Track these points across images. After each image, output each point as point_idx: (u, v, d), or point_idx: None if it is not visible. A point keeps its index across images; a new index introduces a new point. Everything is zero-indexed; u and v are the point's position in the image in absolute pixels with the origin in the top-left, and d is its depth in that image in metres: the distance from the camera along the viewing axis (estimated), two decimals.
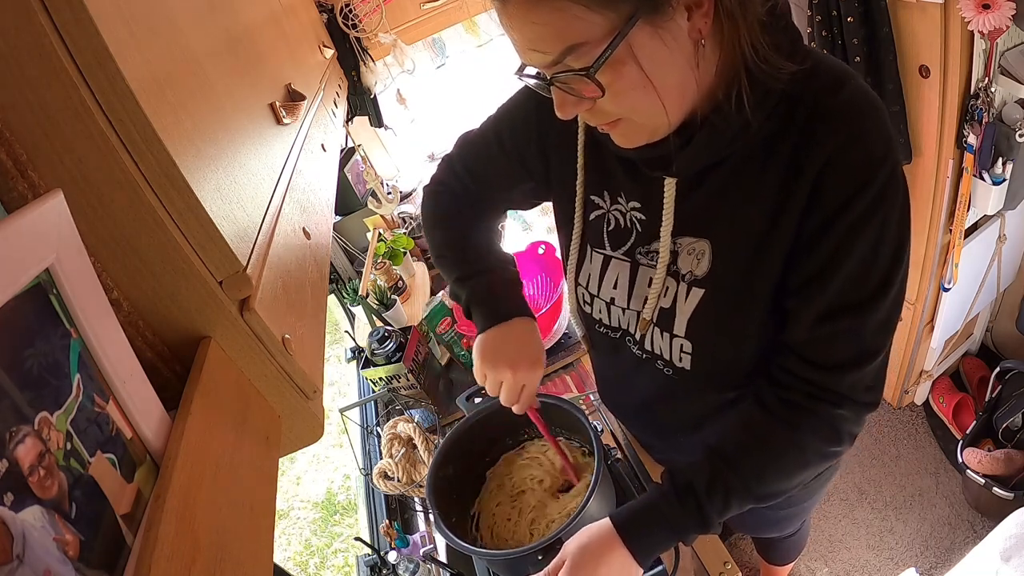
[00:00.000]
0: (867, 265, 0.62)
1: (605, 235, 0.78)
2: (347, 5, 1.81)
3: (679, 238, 0.70)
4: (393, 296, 1.71)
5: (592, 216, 0.78)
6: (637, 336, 0.79)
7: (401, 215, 2.10)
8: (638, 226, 0.74)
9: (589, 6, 0.51)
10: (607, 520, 0.74)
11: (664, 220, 0.70)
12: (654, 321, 0.75)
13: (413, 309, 1.80)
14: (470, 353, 1.54)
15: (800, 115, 0.60)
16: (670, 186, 0.68)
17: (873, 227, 0.61)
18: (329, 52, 1.62)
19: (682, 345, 0.74)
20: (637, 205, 0.73)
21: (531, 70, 0.61)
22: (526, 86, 0.73)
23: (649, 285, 0.74)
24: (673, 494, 0.71)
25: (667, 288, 0.72)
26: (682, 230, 0.70)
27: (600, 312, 0.83)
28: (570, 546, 0.74)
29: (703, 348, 0.73)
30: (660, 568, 0.96)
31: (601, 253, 0.79)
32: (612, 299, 0.80)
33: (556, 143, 0.80)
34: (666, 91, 0.58)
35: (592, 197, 0.78)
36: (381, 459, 1.31)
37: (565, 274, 0.87)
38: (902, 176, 0.62)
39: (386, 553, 1.17)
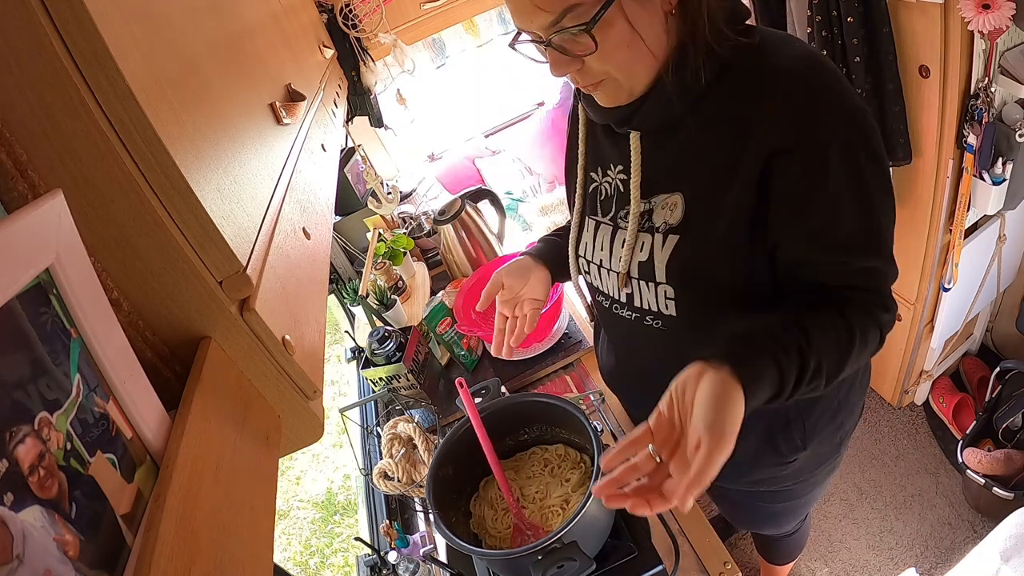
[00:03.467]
0: (844, 203, 0.68)
1: (598, 204, 0.86)
2: (347, 5, 1.81)
3: (654, 197, 0.77)
4: (393, 296, 1.71)
5: (590, 189, 0.87)
6: (623, 298, 0.84)
7: (401, 215, 2.10)
8: (620, 188, 0.81)
9: None
10: (725, 370, 0.59)
11: (632, 172, 0.77)
12: (632, 275, 0.80)
13: (413, 309, 1.80)
14: (470, 353, 1.55)
15: (750, 77, 0.68)
16: (635, 139, 0.76)
17: (842, 164, 0.66)
18: (329, 52, 1.62)
19: (665, 291, 0.78)
20: (621, 168, 0.81)
21: (526, 37, 0.69)
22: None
23: (623, 245, 0.81)
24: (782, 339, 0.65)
25: (643, 243, 0.78)
26: (656, 188, 0.77)
27: (596, 278, 0.89)
28: (698, 400, 0.58)
29: (683, 290, 0.77)
30: (660, 568, 0.96)
31: (594, 220, 0.87)
32: (600, 261, 0.86)
33: (570, 149, 0.91)
34: (646, 52, 0.67)
35: (591, 174, 0.87)
36: (381, 459, 1.31)
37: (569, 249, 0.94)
38: (860, 117, 0.67)
39: (386, 553, 1.17)
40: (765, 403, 0.62)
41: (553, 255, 0.99)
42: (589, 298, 1.00)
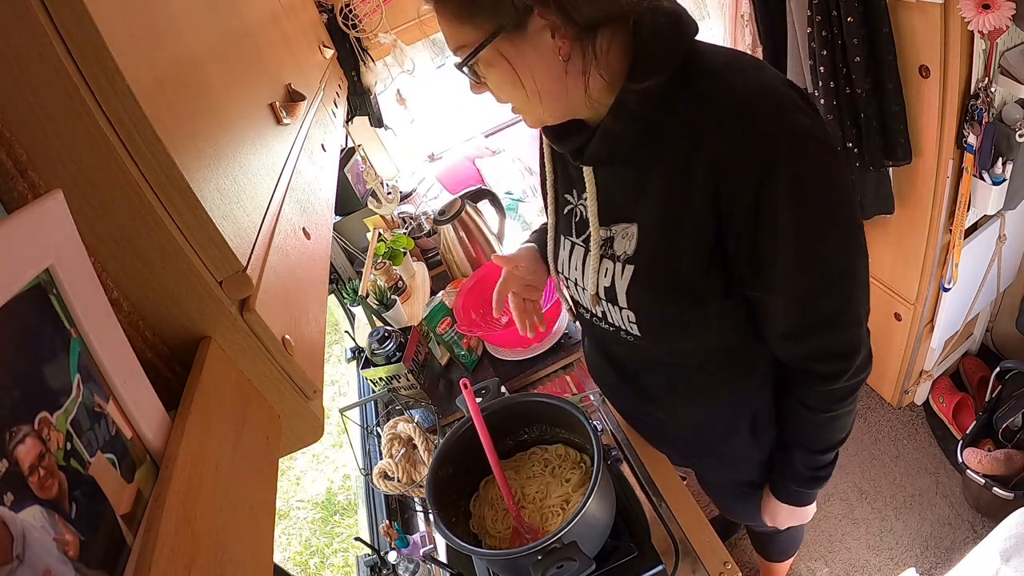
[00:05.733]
0: (804, 241, 0.69)
1: (573, 225, 0.89)
2: (347, 5, 1.82)
3: (614, 225, 0.80)
4: (393, 296, 1.71)
5: (565, 210, 0.90)
6: (598, 312, 0.89)
7: (401, 215, 2.10)
8: (586, 213, 0.84)
9: (462, 21, 0.67)
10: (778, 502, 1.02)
11: (590, 204, 0.81)
12: (602, 297, 0.85)
13: (413, 309, 1.80)
14: (470, 353, 1.55)
15: (696, 110, 0.68)
16: (588, 173, 0.80)
17: (792, 199, 0.66)
18: (329, 52, 1.62)
19: (628, 315, 0.83)
20: (587, 195, 0.83)
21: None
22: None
23: (590, 268, 0.85)
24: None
25: (606, 269, 0.83)
26: (616, 217, 0.80)
27: (575, 293, 0.94)
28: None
29: (642, 316, 0.82)
30: (660, 568, 0.96)
31: (570, 240, 0.90)
32: (576, 280, 0.90)
33: (542, 166, 0.95)
34: (536, 91, 0.69)
35: (565, 195, 0.90)
36: (381, 459, 1.31)
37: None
38: (808, 145, 0.65)
39: (386, 553, 1.18)
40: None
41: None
42: (570, 302, 1.05)
